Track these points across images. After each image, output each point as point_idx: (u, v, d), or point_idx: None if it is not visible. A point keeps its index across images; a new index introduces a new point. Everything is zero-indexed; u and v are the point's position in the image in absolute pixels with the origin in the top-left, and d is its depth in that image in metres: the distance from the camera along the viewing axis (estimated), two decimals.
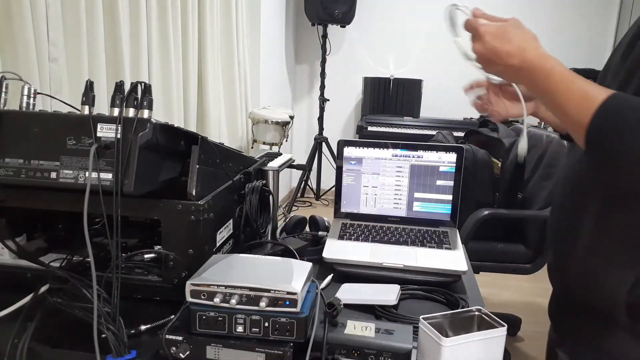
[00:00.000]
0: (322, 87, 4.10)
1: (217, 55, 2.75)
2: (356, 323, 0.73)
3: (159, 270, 0.84)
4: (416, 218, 1.17)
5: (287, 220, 1.26)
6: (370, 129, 3.93)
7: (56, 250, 0.93)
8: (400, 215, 1.18)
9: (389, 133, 3.91)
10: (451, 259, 1.01)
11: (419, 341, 0.72)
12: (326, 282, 0.99)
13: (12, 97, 0.84)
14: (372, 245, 1.07)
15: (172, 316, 0.74)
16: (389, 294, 0.89)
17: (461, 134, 2.80)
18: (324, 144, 4.14)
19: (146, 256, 0.85)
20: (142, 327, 0.76)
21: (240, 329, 0.68)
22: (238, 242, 1.02)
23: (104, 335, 0.68)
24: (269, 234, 1.16)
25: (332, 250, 1.04)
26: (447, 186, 1.15)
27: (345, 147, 1.18)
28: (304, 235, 1.20)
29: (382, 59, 4.37)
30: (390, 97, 4.11)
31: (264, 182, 1.11)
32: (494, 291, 2.88)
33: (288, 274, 0.72)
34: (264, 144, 3.02)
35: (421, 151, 1.15)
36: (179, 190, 0.83)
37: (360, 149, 1.17)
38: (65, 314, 0.73)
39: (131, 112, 0.75)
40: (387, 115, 4.08)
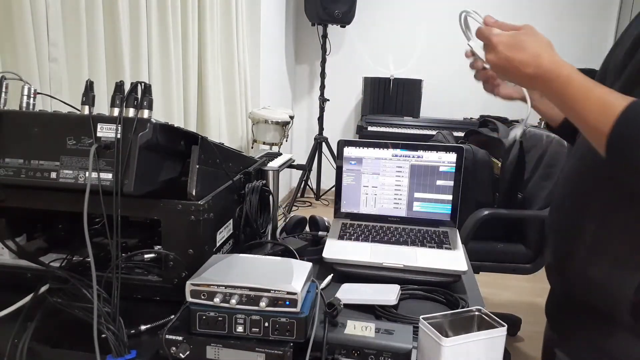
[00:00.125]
0: (322, 87, 4.10)
1: (217, 55, 2.75)
2: (356, 323, 0.73)
3: (159, 270, 0.84)
4: (416, 218, 1.17)
5: (287, 220, 1.26)
6: (370, 129, 3.93)
7: (56, 250, 0.93)
8: (400, 215, 1.18)
9: (389, 133, 3.91)
10: (451, 259, 1.01)
11: (419, 341, 0.72)
12: (326, 282, 0.99)
13: (12, 97, 0.84)
14: (372, 245, 1.07)
15: (172, 316, 0.74)
16: (389, 294, 0.89)
17: (461, 134, 2.80)
18: (324, 144, 4.14)
19: (146, 256, 0.85)
20: (142, 327, 0.76)
21: (240, 329, 0.68)
22: (238, 242, 1.02)
23: (104, 335, 0.68)
24: (269, 234, 1.16)
25: (332, 250, 1.04)
26: (447, 186, 1.15)
27: (345, 147, 1.18)
28: (304, 235, 1.20)
29: (382, 59, 4.37)
30: (390, 97, 4.11)
31: (264, 182, 1.11)
32: (494, 291, 2.88)
33: (288, 274, 0.72)
34: (264, 144, 3.02)
35: (421, 151, 1.15)
36: (179, 190, 0.83)
37: (360, 149, 1.17)
38: (65, 314, 0.73)
39: (131, 112, 0.75)
40: (387, 115, 4.08)
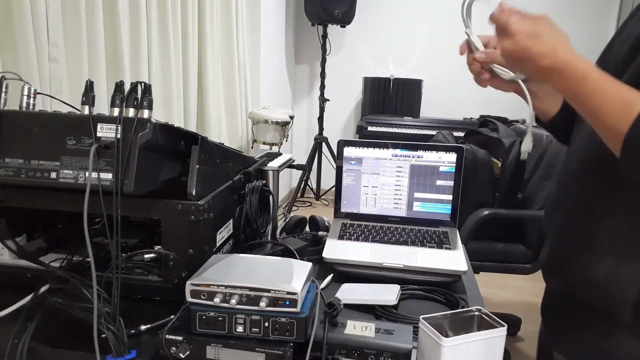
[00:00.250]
0: (322, 87, 4.10)
1: (217, 55, 2.75)
2: (356, 323, 0.73)
3: (159, 270, 0.84)
4: (416, 218, 1.17)
5: (287, 220, 1.26)
6: (370, 129, 3.92)
7: (56, 250, 0.93)
8: (400, 215, 1.18)
9: (389, 133, 3.91)
10: (451, 259, 1.01)
11: (419, 341, 0.72)
12: (326, 282, 0.99)
13: (12, 97, 0.84)
14: (372, 245, 1.07)
15: (172, 316, 0.74)
16: (389, 294, 0.89)
17: (461, 134, 2.80)
18: (324, 144, 4.14)
19: (146, 256, 0.85)
20: (142, 327, 0.76)
21: (240, 329, 0.68)
22: (238, 242, 1.02)
23: (104, 335, 0.68)
24: (269, 234, 1.16)
25: (332, 250, 1.04)
26: (447, 186, 1.15)
27: (345, 147, 1.18)
28: (304, 235, 1.20)
29: (382, 59, 4.37)
30: (390, 97, 4.11)
31: (264, 182, 1.11)
32: (494, 291, 2.88)
33: (288, 274, 0.72)
34: (264, 144, 3.02)
35: (421, 151, 1.15)
36: (179, 190, 0.83)
37: (360, 149, 1.17)
38: (65, 313, 0.73)
39: (131, 112, 0.75)
40: (387, 115, 4.08)
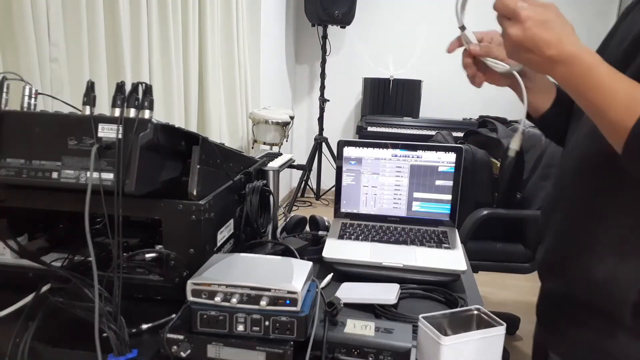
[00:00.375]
0: (322, 87, 4.10)
1: (218, 56, 2.75)
2: (356, 322, 0.74)
3: (160, 270, 0.84)
4: (416, 218, 1.18)
5: (287, 220, 1.26)
6: (370, 129, 3.93)
7: (58, 250, 0.93)
8: (399, 215, 1.18)
9: (388, 133, 3.91)
10: (450, 258, 1.02)
11: (419, 340, 0.72)
12: (326, 281, 0.99)
13: (13, 97, 0.84)
14: (371, 244, 1.08)
15: (173, 315, 0.74)
16: (388, 293, 0.89)
17: (460, 134, 2.81)
18: (324, 144, 4.15)
19: (147, 256, 0.85)
20: (144, 326, 0.76)
21: (241, 327, 0.68)
22: (239, 241, 1.02)
23: (105, 335, 0.68)
24: (269, 234, 1.16)
25: (332, 250, 1.05)
26: (447, 186, 1.15)
27: (345, 147, 1.18)
28: (304, 235, 1.21)
29: (382, 59, 4.37)
30: (390, 97, 4.11)
31: (264, 182, 1.11)
32: (493, 290, 2.89)
33: (288, 274, 0.73)
34: (264, 144, 3.02)
35: (420, 151, 1.15)
36: (180, 190, 0.84)
37: (360, 149, 1.18)
38: (66, 313, 0.73)
39: (132, 113, 0.76)
40: (386, 115, 4.08)
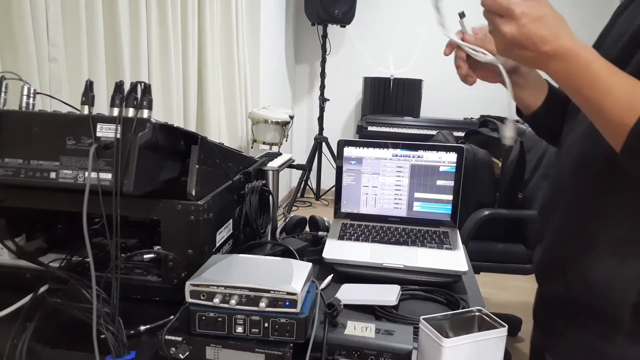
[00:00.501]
0: (322, 87, 4.10)
1: (217, 55, 2.75)
2: (356, 324, 0.73)
3: (158, 271, 0.84)
4: (416, 218, 1.17)
5: (287, 221, 1.26)
6: (370, 129, 3.92)
7: (56, 250, 0.92)
8: (400, 216, 1.18)
9: (389, 133, 3.91)
10: (451, 259, 1.01)
11: (420, 342, 0.72)
12: (326, 282, 0.99)
13: (11, 97, 0.84)
14: (372, 245, 1.07)
15: (171, 317, 0.74)
16: (389, 295, 0.89)
17: (461, 133, 2.80)
18: (324, 144, 4.14)
19: (145, 256, 0.85)
20: (142, 328, 0.76)
21: (239, 329, 0.68)
22: (238, 242, 1.02)
23: (103, 336, 0.67)
24: (268, 234, 1.16)
25: (332, 251, 1.04)
26: (448, 186, 1.15)
27: (345, 147, 1.18)
28: (304, 236, 1.20)
29: (382, 59, 4.37)
30: (390, 97, 4.11)
31: (263, 182, 1.11)
32: (495, 291, 2.88)
33: (288, 275, 0.72)
34: (263, 143, 3.02)
35: (421, 151, 1.14)
36: (178, 190, 0.83)
37: (360, 149, 1.17)
38: (64, 314, 0.73)
39: (131, 112, 0.75)
40: (387, 115, 4.08)
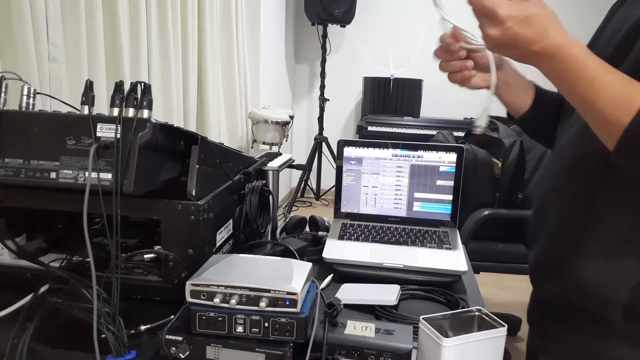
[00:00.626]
0: (322, 87, 4.10)
1: (217, 55, 2.75)
2: (356, 323, 0.73)
3: (158, 271, 0.84)
4: (416, 218, 1.17)
5: (287, 221, 1.26)
6: (370, 129, 3.92)
7: (56, 250, 0.92)
8: (400, 215, 1.18)
9: (389, 133, 3.91)
10: (451, 259, 1.01)
11: (419, 341, 0.72)
12: (326, 282, 0.99)
13: (11, 97, 0.84)
14: (372, 245, 1.07)
15: (171, 316, 0.74)
16: (389, 294, 0.89)
17: (461, 133, 2.80)
18: (324, 144, 4.14)
19: (146, 256, 0.85)
20: (142, 328, 0.76)
21: (240, 329, 0.68)
22: (238, 242, 1.02)
23: (103, 336, 0.67)
24: (268, 234, 1.16)
25: (332, 251, 1.04)
26: (447, 186, 1.15)
27: (345, 147, 1.18)
28: (304, 236, 1.20)
29: (382, 59, 4.37)
30: (390, 97, 4.10)
31: (263, 182, 1.11)
32: (494, 291, 2.88)
33: (288, 274, 0.72)
34: (263, 143, 3.02)
35: (421, 151, 1.15)
36: (178, 190, 0.83)
37: (360, 149, 1.17)
38: (65, 314, 0.73)
39: (131, 112, 0.75)
40: (387, 115, 4.07)
